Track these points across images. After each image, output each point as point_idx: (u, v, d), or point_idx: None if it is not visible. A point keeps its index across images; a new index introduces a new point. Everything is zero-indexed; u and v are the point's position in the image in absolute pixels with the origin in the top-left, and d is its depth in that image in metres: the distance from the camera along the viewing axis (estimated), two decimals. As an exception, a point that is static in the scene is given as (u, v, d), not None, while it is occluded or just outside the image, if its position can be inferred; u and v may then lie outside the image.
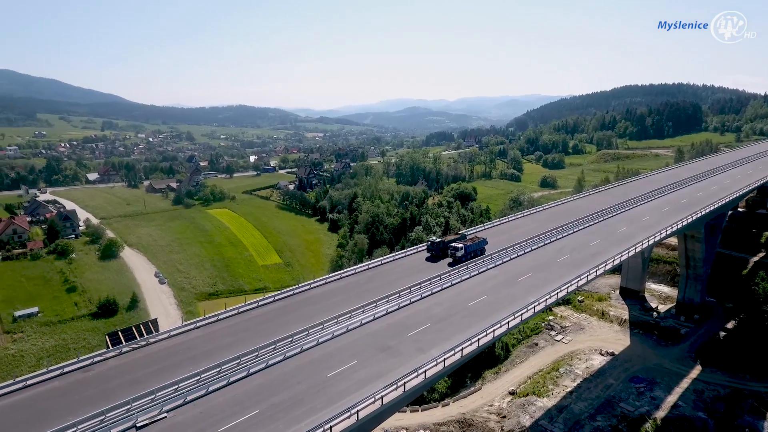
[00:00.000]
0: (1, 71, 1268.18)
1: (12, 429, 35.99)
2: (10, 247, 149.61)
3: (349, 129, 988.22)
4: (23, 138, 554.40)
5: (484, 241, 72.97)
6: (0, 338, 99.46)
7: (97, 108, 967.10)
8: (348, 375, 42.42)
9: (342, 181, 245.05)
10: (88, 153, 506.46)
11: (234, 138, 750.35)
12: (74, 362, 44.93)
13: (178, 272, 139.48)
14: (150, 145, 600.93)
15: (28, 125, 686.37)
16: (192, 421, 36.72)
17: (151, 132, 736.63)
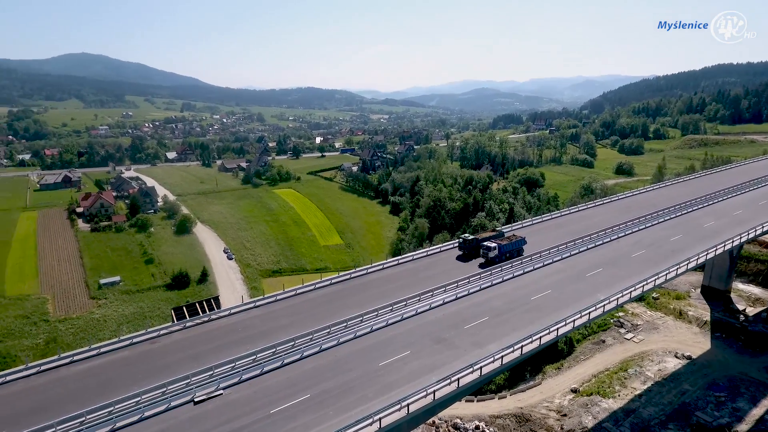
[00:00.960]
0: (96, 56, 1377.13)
1: (84, 394, 38.46)
2: (98, 220, 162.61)
3: (414, 111, 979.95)
4: (113, 118, 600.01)
5: (522, 240, 66.26)
6: (87, 303, 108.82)
7: (177, 90, 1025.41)
8: (400, 365, 41.48)
9: (405, 163, 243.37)
10: (169, 133, 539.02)
11: (301, 119, 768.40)
12: (142, 334, 47.44)
13: (245, 249, 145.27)
14: (224, 126, 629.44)
15: (117, 107, 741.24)
16: (245, 401, 37.43)
17: (225, 113, 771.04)
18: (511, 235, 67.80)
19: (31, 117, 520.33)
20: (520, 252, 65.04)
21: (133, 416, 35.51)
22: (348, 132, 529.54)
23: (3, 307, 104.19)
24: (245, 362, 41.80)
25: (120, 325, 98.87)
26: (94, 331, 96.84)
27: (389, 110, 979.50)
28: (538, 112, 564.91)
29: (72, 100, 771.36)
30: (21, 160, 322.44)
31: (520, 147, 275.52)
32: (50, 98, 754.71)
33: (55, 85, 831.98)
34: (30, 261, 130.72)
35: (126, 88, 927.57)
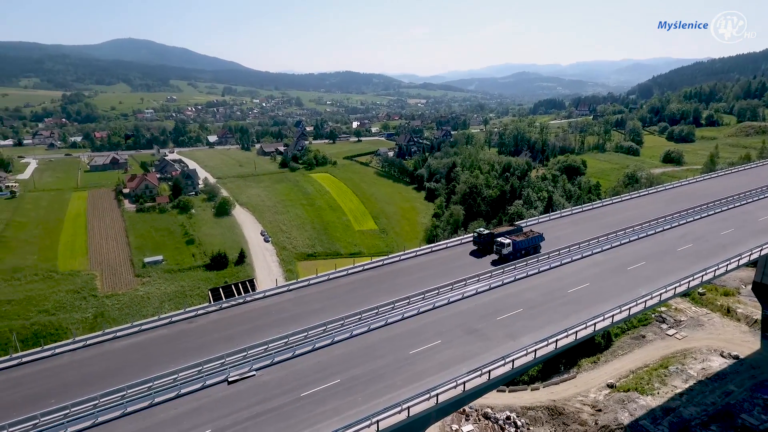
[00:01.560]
0: (143, 42, 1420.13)
1: (128, 368, 40.16)
2: (143, 201, 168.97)
3: (452, 96, 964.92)
4: (158, 102, 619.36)
5: (540, 237, 62.10)
6: (132, 281, 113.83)
7: (219, 74, 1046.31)
8: (430, 355, 41.22)
9: (441, 149, 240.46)
10: (210, 116, 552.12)
11: (339, 104, 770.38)
12: (181, 313, 49.00)
13: (281, 232, 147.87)
14: (263, 110, 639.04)
15: (162, 91, 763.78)
16: (277, 383, 38.14)
17: (264, 97, 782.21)
18: (528, 231, 64.13)
19: (83, 100, 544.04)
20: (537, 249, 61.21)
21: (170, 392, 36.83)
22: (385, 117, 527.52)
23: (56, 282, 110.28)
24: (277, 345, 42.55)
25: (162, 302, 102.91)
26: (138, 307, 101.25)
27: (427, 95, 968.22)
28: (581, 97, 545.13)
29: (120, 84, 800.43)
30: (73, 142, 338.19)
31: (562, 133, 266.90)
32: (100, 82, 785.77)
33: (104, 70, 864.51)
34: (80, 239, 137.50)
35: (170, 72, 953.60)
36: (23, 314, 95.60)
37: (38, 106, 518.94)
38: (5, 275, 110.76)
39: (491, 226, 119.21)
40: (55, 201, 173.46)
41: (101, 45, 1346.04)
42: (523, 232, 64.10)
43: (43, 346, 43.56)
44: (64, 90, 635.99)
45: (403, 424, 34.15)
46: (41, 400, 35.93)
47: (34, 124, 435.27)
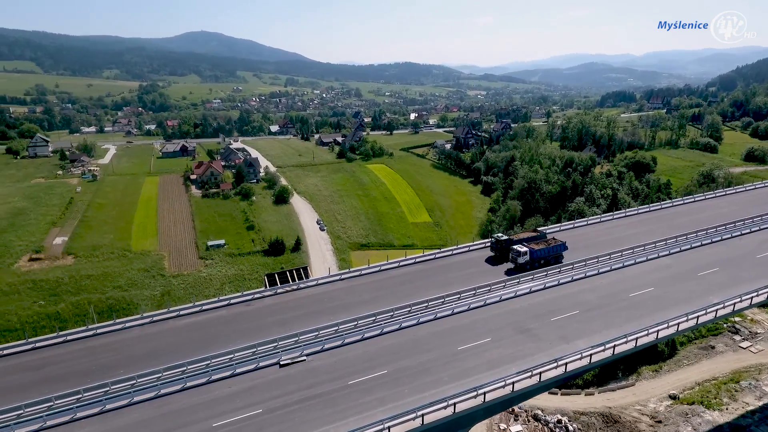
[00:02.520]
0: (213, 34, 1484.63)
1: (187, 345, 42.56)
2: (208, 187, 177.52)
3: (514, 87, 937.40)
4: (225, 92, 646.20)
5: (561, 246, 57.53)
6: (196, 263, 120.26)
7: (282, 66, 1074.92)
8: (479, 352, 40.64)
9: (500, 142, 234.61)
10: (273, 107, 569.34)
11: (397, 95, 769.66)
12: (239, 296, 51.24)
13: (336, 221, 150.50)
14: (323, 101, 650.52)
15: (229, 81, 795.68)
16: (326, 369, 39.06)
17: (325, 88, 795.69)
18: (551, 239, 59.76)
19: (157, 91, 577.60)
20: (558, 259, 56.88)
21: (226, 371, 38.70)
22: (443, 108, 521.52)
23: (129, 261, 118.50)
24: (328, 332, 43.53)
25: (222, 284, 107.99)
26: (201, 288, 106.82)
27: (487, 86, 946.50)
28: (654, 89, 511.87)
29: (191, 75, 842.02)
30: (148, 129, 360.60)
31: (631, 127, 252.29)
32: (173, 73, 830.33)
33: (177, 62, 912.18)
34: (151, 221, 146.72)
35: (237, 63, 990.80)
36: (100, 288, 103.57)
37: (118, 96, 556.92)
38: (86, 252, 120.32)
39: (549, 223, 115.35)
40: (130, 185, 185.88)
41: (175, 38, 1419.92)
42: (546, 239, 59.79)
43: (115, 320, 47.08)
44: (141, 81, 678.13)
45: (449, 419, 34.00)
46: (111, 370, 38.89)
47: (114, 113, 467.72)
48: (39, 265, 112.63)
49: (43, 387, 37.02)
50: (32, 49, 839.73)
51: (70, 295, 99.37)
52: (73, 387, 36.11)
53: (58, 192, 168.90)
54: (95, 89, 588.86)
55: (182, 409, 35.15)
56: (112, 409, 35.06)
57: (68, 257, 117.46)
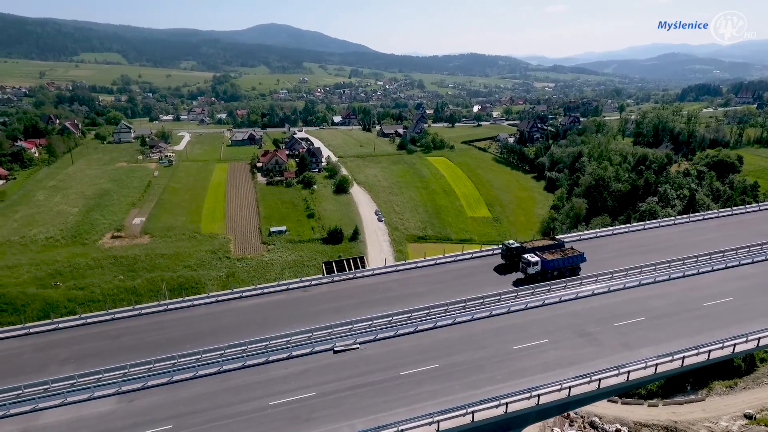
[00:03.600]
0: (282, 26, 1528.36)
1: (249, 326, 44.64)
2: (273, 175, 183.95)
3: (585, 79, 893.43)
4: (291, 83, 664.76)
5: (579, 257, 52.95)
6: (259, 247, 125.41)
7: (347, 57, 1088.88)
8: (535, 353, 39.56)
9: (567, 137, 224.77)
10: (336, 98, 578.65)
11: (461, 86, 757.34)
12: (297, 282, 52.96)
13: (394, 213, 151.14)
14: (385, 92, 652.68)
15: (296, 72, 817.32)
16: (378, 359, 39.59)
17: (388, 79, 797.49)
18: (568, 249, 54.92)
19: (229, 81, 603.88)
20: (574, 271, 52.68)
21: (283, 353, 40.25)
22: (508, 101, 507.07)
23: (199, 242, 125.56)
24: (381, 322, 44.03)
25: (283, 269, 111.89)
26: (262, 271, 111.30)
27: (556, 78, 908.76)
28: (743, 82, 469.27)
29: (261, 66, 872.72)
30: (219, 118, 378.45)
31: (714, 124, 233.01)
32: (244, 65, 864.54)
33: (248, 53, 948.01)
34: (220, 205, 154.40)
35: (304, 55, 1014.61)
36: (172, 267, 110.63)
37: (194, 86, 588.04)
38: (161, 232, 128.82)
39: (617, 223, 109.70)
40: (201, 171, 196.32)
41: (247, 30, 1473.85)
42: (563, 249, 55.05)
43: (184, 297, 50.20)
44: (214, 72, 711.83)
45: (500, 419, 33.48)
46: (179, 344, 41.59)
47: (190, 102, 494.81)
48: (120, 242, 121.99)
49: (119, 355, 40.29)
50: (119, 42, 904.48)
51: (146, 271, 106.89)
52: (145, 357, 39.01)
53: (138, 175, 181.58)
54: (173, 79, 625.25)
55: (242, 385, 37.01)
56: (179, 380, 37.54)
57: (145, 236, 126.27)
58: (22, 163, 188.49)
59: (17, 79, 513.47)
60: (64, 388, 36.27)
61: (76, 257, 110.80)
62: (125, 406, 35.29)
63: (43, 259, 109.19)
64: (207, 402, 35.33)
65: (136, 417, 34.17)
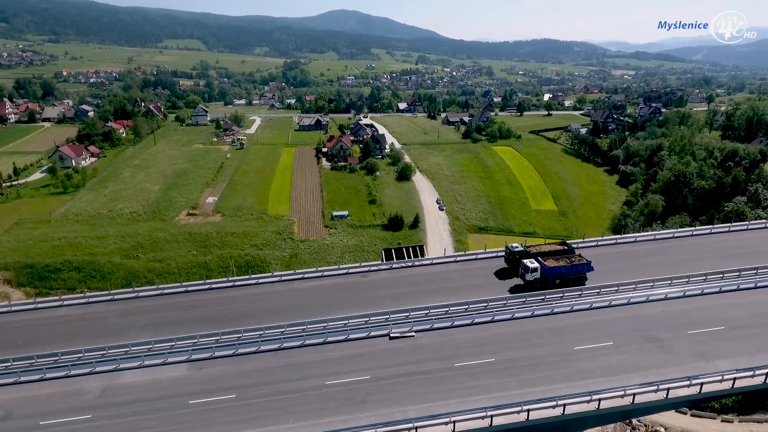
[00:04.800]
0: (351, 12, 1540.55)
1: (309, 306, 46.16)
2: (337, 160, 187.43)
3: (669, 67, 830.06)
4: (358, 69, 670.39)
5: (586, 265, 48.95)
6: (321, 230, 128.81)
7: (415, 43, 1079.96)
8: (598, 355, 37.93)
9: (646, 128, 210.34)
10: (402, 84, 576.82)
11: (531, 74, 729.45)
12: (356, 267, 53.93)
13: (456, 202, 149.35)
14: (453, 79, 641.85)
15: (363, 58, 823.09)
16: (433, 348, 39.66)
17: (455, 66, 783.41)
18: (576, 256, 50.61)
19: (299, 67, 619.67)
20: (579, 280, 48.84)
21: (340, 335, 41.34)
22: (582, 89, 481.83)
23: (265, 223, 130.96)
24: (438, 312, 43.95)
25: (343, 253, 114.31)
26: (323, 254, 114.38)
27: (637, 65, 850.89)
28: None
29: (329, 52, 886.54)
30: (288, 103, 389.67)
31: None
32: (314, 51, 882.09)
33: (318, 39, 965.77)
34: (286, 188, 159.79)
35: (372, 41, 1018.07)
36: (240, 245, 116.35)
37: (266, 72, 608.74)
38: (231, 212, 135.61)
39: (697, 223, 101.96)
40: (270, 154, 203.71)
41: (317, 17, 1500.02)
42: (569, 256, 50.77)
43: (250, 275, 52.74)
44: (285, 58, 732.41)
45: (556, 419, 32.54)
46: (244, 319, 43.84)
47: (261, 87, 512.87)
48: (194, 219, 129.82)
49: (190, 325, 43.15)
50: (200, 28, 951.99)
51: (216, 248, 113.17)
52: (214, 329, 41.55)
53: (212, 157, 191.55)
54: (247, 65, 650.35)
55: (300, 363, 38.49)
56: (243, 353, 39.68)
57: (217, 215, 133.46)
58: (112, 143, 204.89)
59: (109, 65, 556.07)
60: (142, 352, 39.48)
61: (155, 231, 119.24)
62: (194, 374, 37.85)
63: (127, 232, 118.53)
64: (268, 376, 37.10)
65: (203, 384, 36.58)
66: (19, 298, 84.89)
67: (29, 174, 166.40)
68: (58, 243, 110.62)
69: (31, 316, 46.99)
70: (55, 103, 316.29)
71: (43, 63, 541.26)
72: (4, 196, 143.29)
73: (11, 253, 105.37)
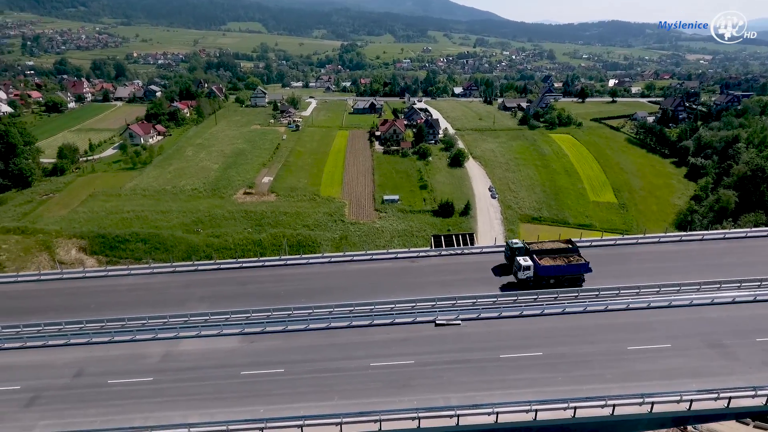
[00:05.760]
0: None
1: (356, 288, 46.94)
2: (389, 144, 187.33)
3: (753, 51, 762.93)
4: (414, 52, 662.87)
5: (583, 266, 46.41)
6: (371, 214, 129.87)
7: (473, 25, 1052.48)
8: (654, 357, 36.26)
9: (722, 118, 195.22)
10: (459, 68, 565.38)
11: (597, 58, 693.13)
12: (405, 252, 54.18)
13: (509, 190, 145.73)
14: (511, 63, 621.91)
15: (420, 41, 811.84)
16: (479, 337, 39.36)
17: (515, 49, 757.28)
18: (574, 257, 48.06)
19: (355, 50, 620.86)
20: (575, 281, 46.51)
21: (386, 319, 41.82)
22: (651, 75, 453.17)
23: (317, 204, 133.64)
24: (486, 302, 43.45)
25: (392, 237, 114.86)
26: (373, 237, 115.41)
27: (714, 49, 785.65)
28: None
29: (386, 35, 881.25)
30: (344, 86, 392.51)
31: None
32: (370, 33, 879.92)
33: (375, 22, 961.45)
34: (338, 171, 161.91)
35: (429, 23, 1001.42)
36: (292, 225, 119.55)
37: (323, 54, 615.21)
38: (285, 192, 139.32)
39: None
40: (324, 136, 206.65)
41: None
42: (568, 256, 48.27)
43: (301, 255, 54.17)
44: (342, 40, 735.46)
45: (604, 420, 31.57)
46: (294, 297, 45.20)
47: (318, 70, 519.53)
48: (250, 198, 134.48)
49: (244, 300, 45.07)
50: (261, 11, 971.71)
51: (270, 227, 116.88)
52: (266, 305, 43.15)
53: (269, 138, 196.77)
54: (305, 48, 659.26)
55: (346, 343, 39.38)
56: (292, 330, 41.06)
57: (271, 195, 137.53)
58: (177, 122, 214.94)
59: (176, 47, 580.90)
60: (199, 323, 41.76)
61: (214, 208, 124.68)
62: (246, 346, 39.64)
63: (188, 208, 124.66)
64: (315, 354, 38.26)
65: (254, 357, 38.28)
66: (92, 266, 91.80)
67: (103, 150, 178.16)
68: (126, 216, 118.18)
69: (102, 283, 50.74)
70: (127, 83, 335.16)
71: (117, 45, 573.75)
72: (81, 171, 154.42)
73: (86, 223, 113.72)
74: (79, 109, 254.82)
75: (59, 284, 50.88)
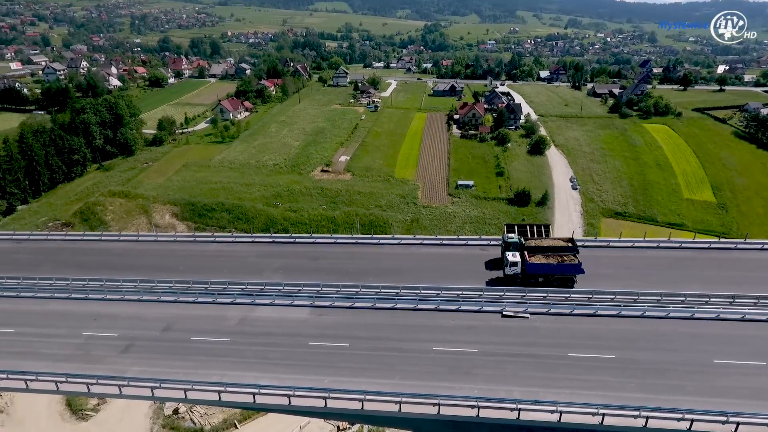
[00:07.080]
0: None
1: (424, 272, 47.12)
2: (468, 128, 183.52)
3: None
4: (500, 33, 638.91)
5: (576, 267, 43.74)
6: (444, 198, 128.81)
7: (566, 5, 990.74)
8: (744, 374, 33.23)
9: None
10: (547, 50, 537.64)
11: (705, 41, 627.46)
12: (476, 239, 53.40)
13: (592, 182, 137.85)
14: (606, 46, 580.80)
15: (507, 22, 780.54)
16: (548, 333, 38.18)
17: (611, 31, 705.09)
18: (569, 257, 45.13)
19: (438, 30, 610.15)
20: (565, 281, 44.04)
21: (452, 305, 41.73)
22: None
23: (391, 185, 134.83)
24: (557, 297, 41.95)
25: (464, 223, 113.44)
26: (444, 222, 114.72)
27: None
28: None
29: (471, 15, 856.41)
30: (424, 68, 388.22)
31: None
32: (456, 13, 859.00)
33: (461, 1, 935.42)
34: (414, 153, 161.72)
35: (518, 2, 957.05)
36: (365, 204, 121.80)
37: (405, 35, 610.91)
38: (360, 172, 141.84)
39: None
40: (402, 118, 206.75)
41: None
42: (562, 255, 45.55)
43: (372, 235, 55.24)
44: (426, 20, 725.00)
45: (679, 434, 29.59)
46: (363, 275, 46.31)
47: (399, 50, 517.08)
48: (327, 176, 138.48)
49: (316, 274, 46.93)
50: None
51: (344, 205, 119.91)
52: (336, 281, 44.67)
53: (348, 118, 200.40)
54: (388, 28, 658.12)
55: (411, 325, 39.89)
56: (360, 307, 42.22)
57: (347, 174, 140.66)
58: (263, 99, 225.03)
59: (266, 26, 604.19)
60: (274, 292, 44.16)
61: (293, 184, 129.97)
62: (316, 318, 41.42)
63: (269, 182, 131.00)
64: (380, 332, 39.18)
65: (323, 329, 39.95)
66: (182, 231, 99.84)
67: (196, 123, 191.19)
68: (214, 186, 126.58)
69: (190, 248, 55.09)
70: (220, 61, 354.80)
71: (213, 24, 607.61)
72: (177, 142, 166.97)
73: (179, 191, 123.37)
74: (177, 84, 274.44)
75: (154, 245, 55.97)
